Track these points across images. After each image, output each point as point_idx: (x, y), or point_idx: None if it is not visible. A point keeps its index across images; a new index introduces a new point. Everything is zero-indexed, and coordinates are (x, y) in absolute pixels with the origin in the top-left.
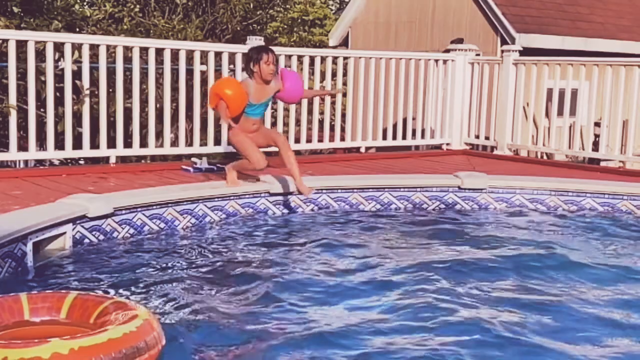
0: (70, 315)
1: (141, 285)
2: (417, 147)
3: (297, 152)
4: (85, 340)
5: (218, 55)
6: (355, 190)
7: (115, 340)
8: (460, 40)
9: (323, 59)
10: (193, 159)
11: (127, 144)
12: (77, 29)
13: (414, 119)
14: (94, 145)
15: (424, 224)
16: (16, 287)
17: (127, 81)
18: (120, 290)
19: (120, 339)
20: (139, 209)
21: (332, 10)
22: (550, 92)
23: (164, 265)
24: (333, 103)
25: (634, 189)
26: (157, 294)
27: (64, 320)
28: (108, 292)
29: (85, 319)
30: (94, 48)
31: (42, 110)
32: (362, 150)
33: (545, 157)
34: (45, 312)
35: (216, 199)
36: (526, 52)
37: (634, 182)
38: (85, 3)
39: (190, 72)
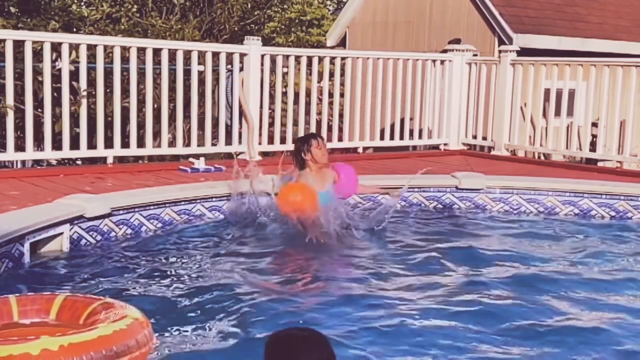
0: (60, 316)
1: (138, 285)
2: (414, 148)
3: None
4: (75, 337)
5: (215, 55)
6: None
7: (105, 337)
8: (457, 41)
9: (321, 59)
10: (191, 159)
11: (125, 144)
12: (75, 29)
13: (411, 119)
14: (92, 145)
15: (421, 224)
16: (13, 288)
17: (125, 81)
18: (117, 291)
19: (111, 336)
20: (136, 209)
21: (329, 10)
22: (547, 92)
23: (162, 265)
24: (331, 103)
25: (632, 189)
26: (154, 294)
27: (53, 321)
28: (105, 292)
29: (74, 320)
30: (91, 48)
31: (39, 110)
32: (360, 150)
33: (542, 158)
34: (35, 314)
35: (213, 199)
36: (524, 52)
37: (631, 182)
38: (82, 3)
39: (187, 73)
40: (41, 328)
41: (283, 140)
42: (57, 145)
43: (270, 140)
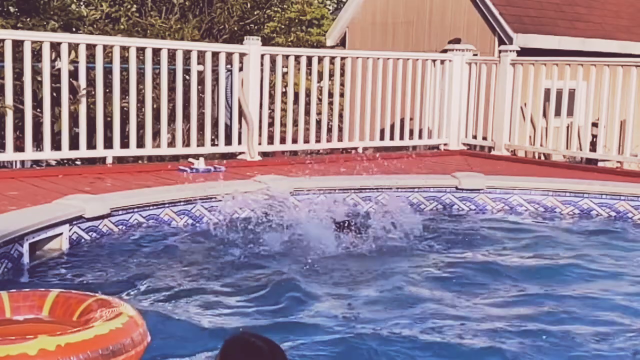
0: (53, 313)
1: (137, 285)
2: (414, 148)
3: (294, 153)
4: (72, 336)
5: (215, 55)
6: (352, 191)
7: (101, 336)
8: (457, 41)
9: (320, 59)
10: (190, 160)
11: (124, 144)
12: (74, 29)
13: (411, 119)
14: (91, 145)
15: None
16: (12, 288)
17: (124, 81)
18: (116, 291)
19: (107, 335)
20: (135, 210)
21: (329, 10)
22: (547, 92)
23: (160, 265)
24: (330, 103)
25: (632, 189)
26: (152, 293)
27: (46, 318)
28: (104, 292)
29: (68, 316)
30: (90, 48)
31: (38, 110)
32: (360, 150)
33: (542, 158)
34: (27, 310)
35: (213, 200)
36: (524, 52)
37: (631, 182)
38: (81, 3)
39: (187, 72)
40: (35, 325)
41: (283, 141)
42: (56, 145)
43: (270, 141)
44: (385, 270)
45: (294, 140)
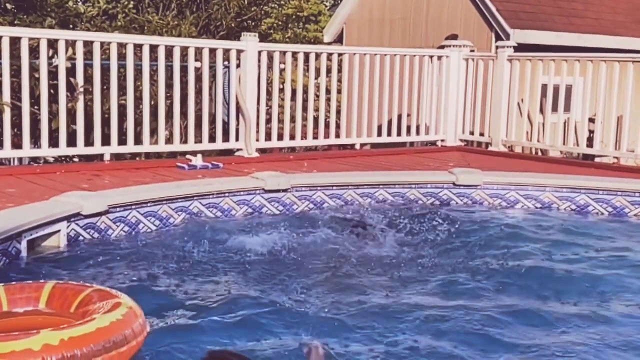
0: (50, 304)
1: (135, 282)
2: (411, 144)
3: (292, 149)
4: (75, 330)
5: (212, 51)
6: (350, 187)
7: (103, 329)
8: (454, 37)
9: (318, 56)
10: (188, 156)
11: (122, 141)
12: (71, 26)
13: (408, 115)
14: (88, 142)
15: (419, 222)
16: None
17: (121, 78)
18: (115, 288)
19: (108, 327)
20: (133, 207)
21: (326, 6)
22: (544, 88)
23: (158, 262)
24: (328, 100)
25: (629, 185)
26: (151, 291)
27: (44, 310)
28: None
29: (65, 308)
30: (87, 45)
31: (36, 107)
32: (357, 146)
33: (539, 154)
34: (24, 303)
35: (211, 196)
36: (521, 48)
37: (628, 177)
38: (78, 0)
39: (184, 69)
40: (35, 318)
41: (280, 137)
42: (53, 142)
43: (268, 137)
44: (383, 269)
45: (292, 137)
